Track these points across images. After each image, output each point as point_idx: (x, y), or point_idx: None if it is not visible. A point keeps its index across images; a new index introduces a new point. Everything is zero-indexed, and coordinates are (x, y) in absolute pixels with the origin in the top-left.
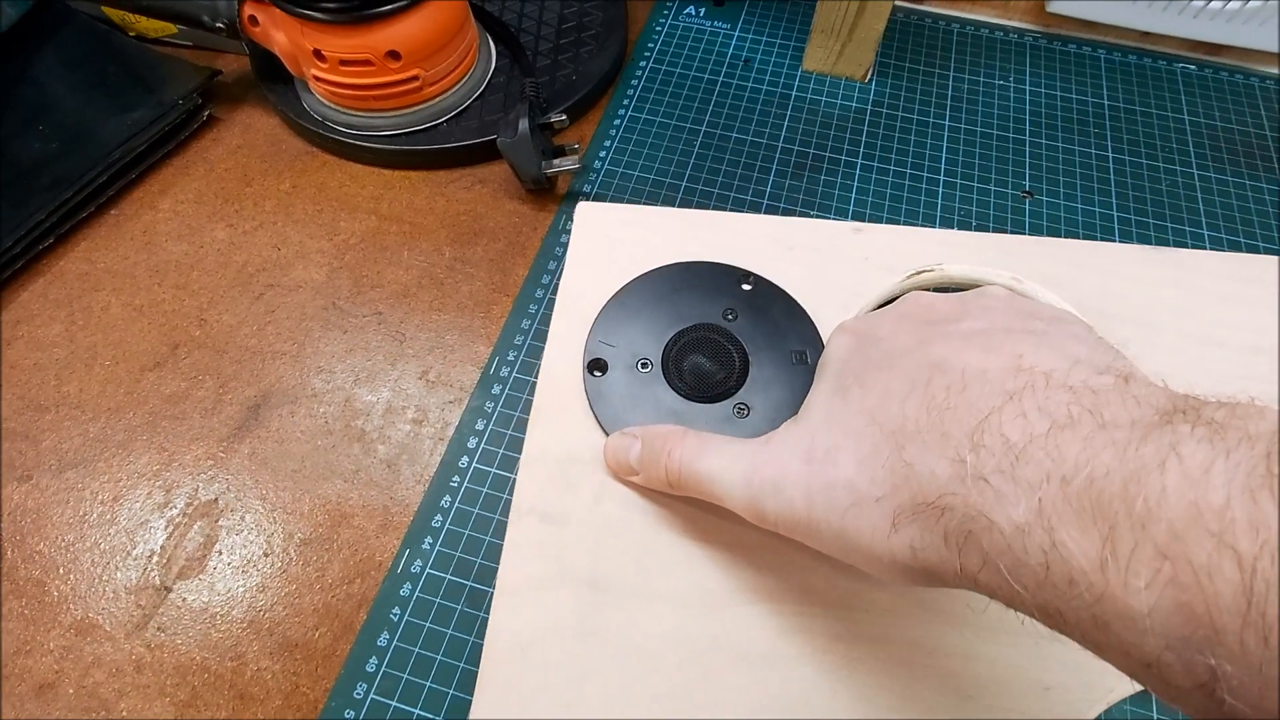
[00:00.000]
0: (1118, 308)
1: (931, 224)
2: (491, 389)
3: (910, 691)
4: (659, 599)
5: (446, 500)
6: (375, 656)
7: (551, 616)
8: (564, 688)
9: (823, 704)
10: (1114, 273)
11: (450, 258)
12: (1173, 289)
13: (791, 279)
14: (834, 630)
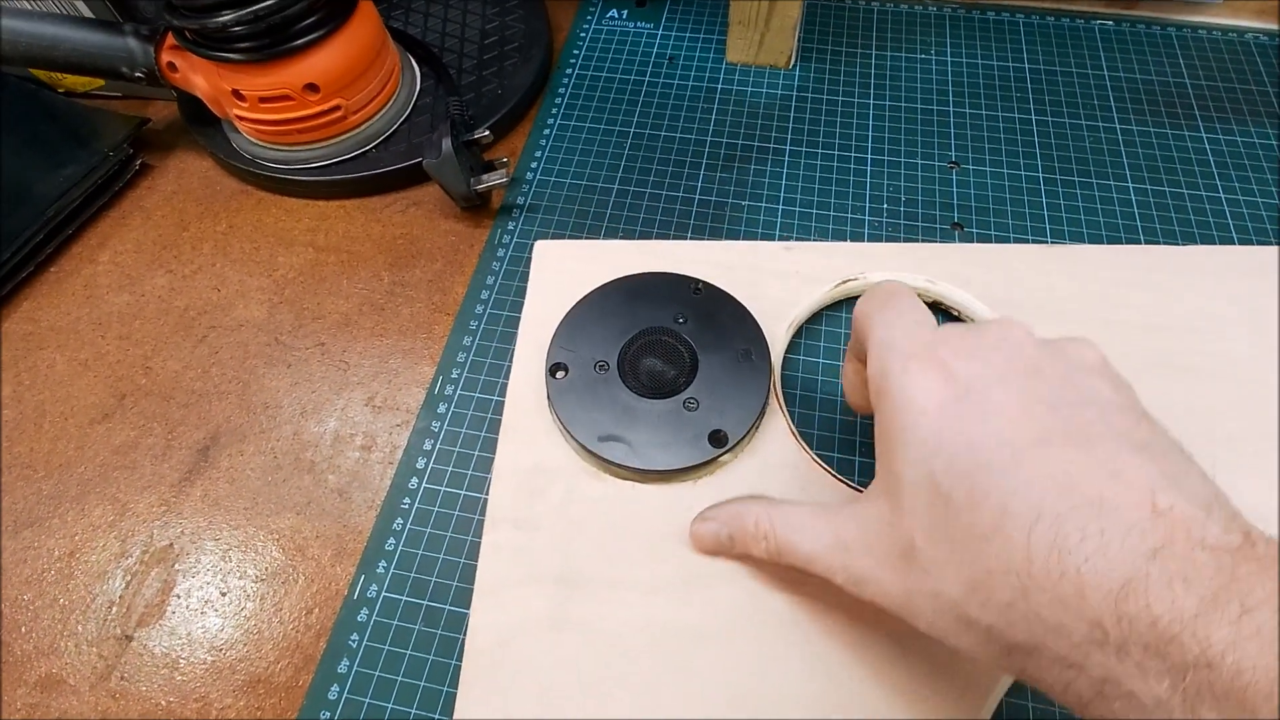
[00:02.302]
0: (1021, 300)
1: (862, 203)
2: (437, 408)
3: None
4: (627, 588)
5: (398, 523)
6: (336, 684)
7: (527, 613)
8: (541, 677)
9: (790, 677)
10: (1017, 270)
11: (389, 282)
12: (1068, 280)
13: (733, 292)
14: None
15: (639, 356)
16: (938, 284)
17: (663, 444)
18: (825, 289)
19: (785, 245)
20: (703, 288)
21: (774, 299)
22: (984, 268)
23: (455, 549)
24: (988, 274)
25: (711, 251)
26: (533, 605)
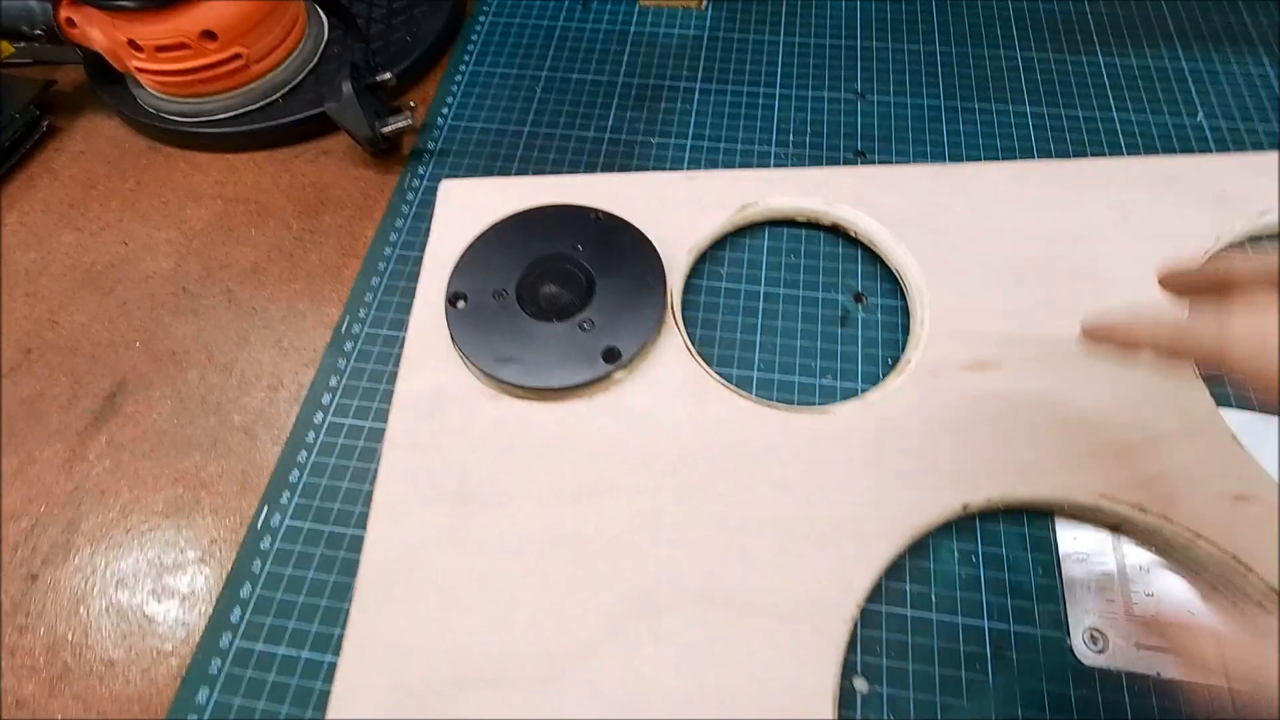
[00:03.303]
0: (914, 216)
1: (769, 135)
2: (344, 347)
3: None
4: (522, 502)
5: (303, 456)
6: (239, 607)
7: (423, 528)
8: (437, 586)
9: (676, 575)
10: (911, 189)
11: (298, 230)
12: (960, 196)
13: (636, 222)
14: (682, 509)
15: (536, 283)
16: (834, 206)
17: (558, 364)
18: (725, 215)
19: (687, 175)
20: (602, 217)
21: (675, 226)
22: (880, 189)
23: (359, 477)
24: (883, 194)
25: (615, 184)
26: (429, 520)
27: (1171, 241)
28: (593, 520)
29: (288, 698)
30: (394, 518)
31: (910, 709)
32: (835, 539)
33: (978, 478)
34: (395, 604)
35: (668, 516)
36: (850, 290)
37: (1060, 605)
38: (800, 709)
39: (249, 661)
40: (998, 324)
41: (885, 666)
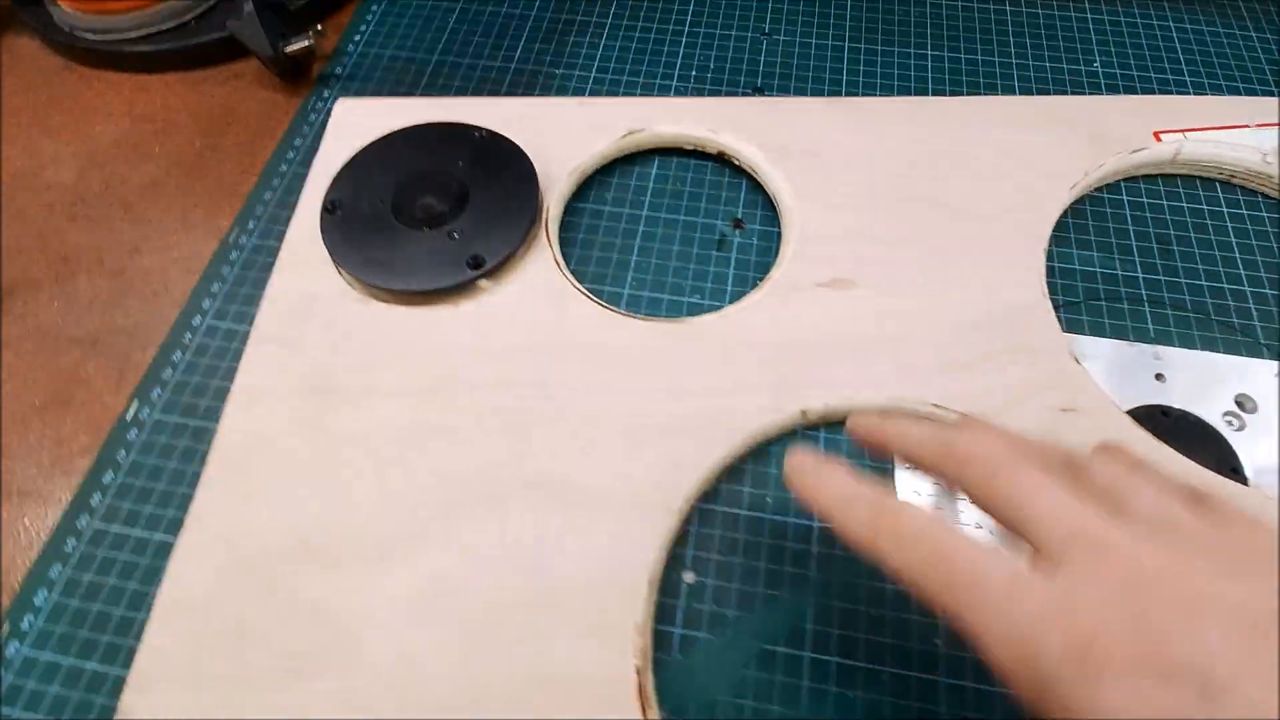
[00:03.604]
0: (797, 146)
1: (672, 71)
2: (229, 256)
3: (600, 458)
4: (379, 395)
5: (178, 355)
6: (99, 492)
7: (278, 418)
8: (283, 472)
9: (515, 469)
10: (799, 121)
11: (200, 147)
12: (848, 128)
13: (524, 144)
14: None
15: (412, 194)
16: (719, 134)
17: (425, 269)
18: (611, 140)
19: (580, 101)
20: (486, 135)
21: (562, 149)
22: (767, 119)
23: (230, 376)
24: (769, 124)
25: (508, 107)
26: (283, 410)
27: (1045, 177)
28: (441, 414)
29: (137, 574)
30: (249, 404)
31: (732, 599)
32: (674, 439)
33: (819, 388)
34: (240, 484)
35: (515, 413)
36: (730, 217)
37: None
38: (619, 593)
39: (103, 542)
40: (861, 247)
41: (715, 561)
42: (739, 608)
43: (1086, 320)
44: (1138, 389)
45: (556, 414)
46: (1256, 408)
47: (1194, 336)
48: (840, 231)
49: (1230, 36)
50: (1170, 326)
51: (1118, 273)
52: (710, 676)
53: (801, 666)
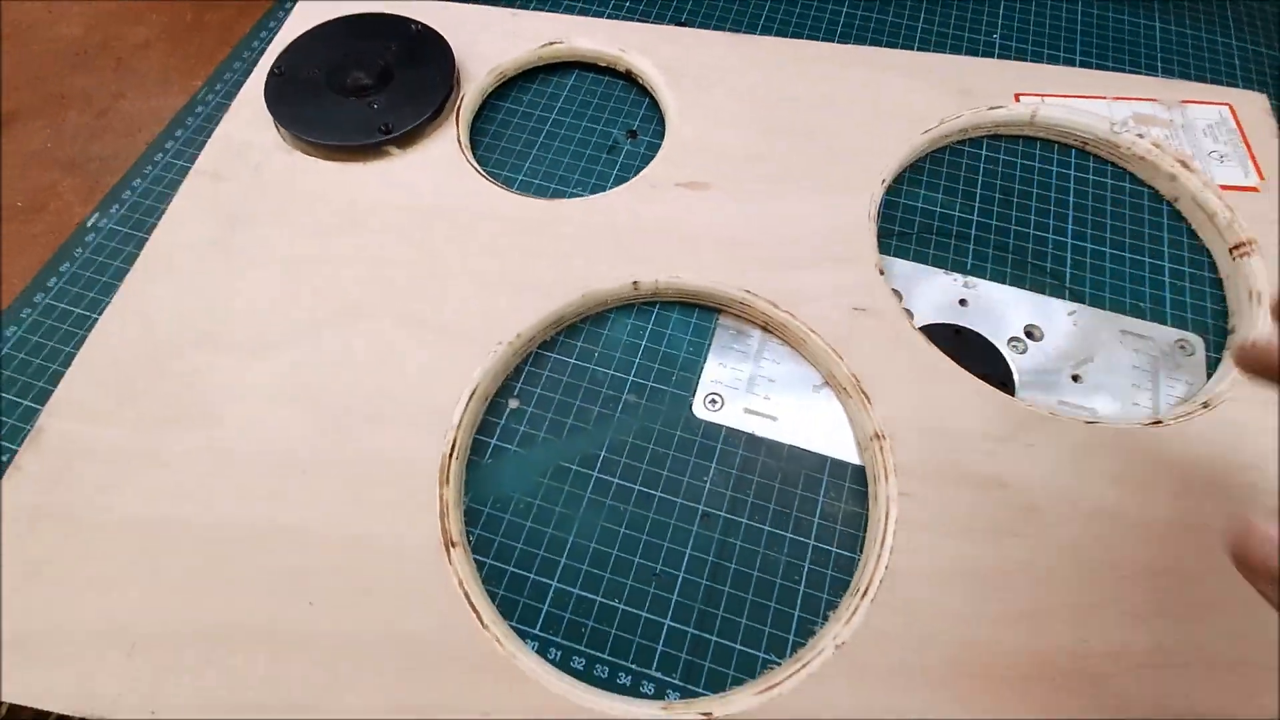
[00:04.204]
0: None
1: (613, 6)
2: (195, 109)
3: (451, 298)
4: (284, 228)
5: (137, 181)
6: (55, 277)
7: (198, 235)
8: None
9: (383, 298)
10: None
11: (189, 20)
12: (738, 59)
13: (455, 41)
14: (407, 252)
15: (345, 68)
16: (628, 53)
17: (343, 130)
18: (530, 46)
19: (512, 11)
20: (420, 28)
21: (488, 49)
22: (674, 47)
23: None
24: (673, 50)
25: (449, 9)
26: (205, 230)
27: (902, 120)
28: (335, 250)
29: (72, 342)
30: (178, 224)
31: (544, 425)
32: (523, 292)
33: (651, 265)
34: (159, 280)
35: (394, 258)
36: (626, 128)
37: (696, 376)
38: (447, 402)
39: (52, 314)
40: (723, 160)
41: (537, 394)
42: (548, 432)
43: (914, 249)
44: (941, 310)
45: (429, 263)
46: (1042, 337)
47: (1006, 274)
48: (710, 144)
49: (1118, 19)
50: (988, 264)
51: (956, 214)
52: (511, 480)
53: (588, 482)
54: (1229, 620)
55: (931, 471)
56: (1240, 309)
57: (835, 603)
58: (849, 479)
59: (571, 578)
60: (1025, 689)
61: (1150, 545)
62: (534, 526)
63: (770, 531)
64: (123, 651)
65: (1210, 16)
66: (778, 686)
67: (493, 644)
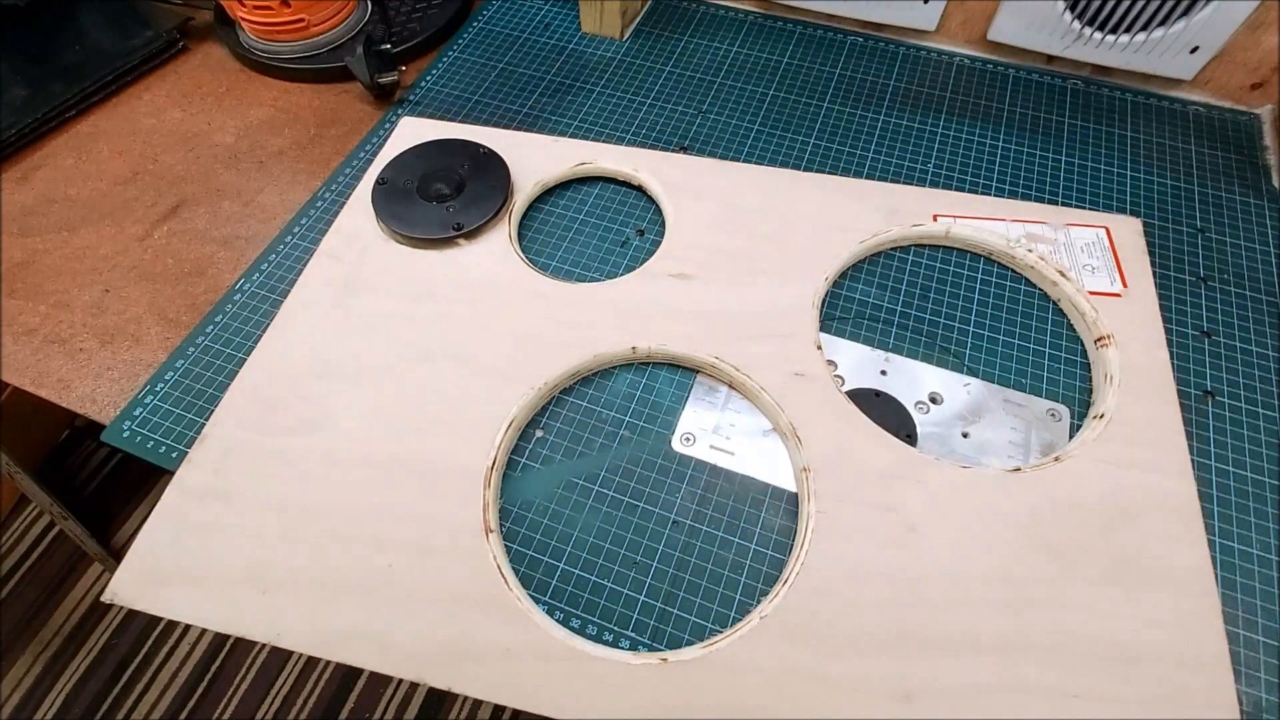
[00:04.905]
0: (688, 187)
1: (630, 127)
2: (316, 203)
3: (499, 351)
4: (383, 295)
5: (273, 256)
6: (212, 325)
7: (321, 297)
8: (320, 326)
9: (447, 345)
10: (693, 171)
11: (314, 134)
12: (727, 181)
13: (509, 159)
14: (468, 312)
15: (430, 180)
16: (640, 171)
17: (427, 225)
18: (566, 165)
19: (553, 139)
20: (485, 150)
21: (533, 167)
22: (674, 167)
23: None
24: (675, 171)
25: (506, 136)
26: (327, 293)
27: (841, 230)
28: (413, 310)
29: (223, 374)
30: (305, 289)
31: (560, 450)
32: (549, 348)
33: (648, 336)
34: (290, 329)
35: (456, 316)
36: (636, 227)
37: (676, 419)
38: (490, 425)
39: (208, 354)
40: (704, 256)
41: (557, 427)
42: (563, 455)
43: (849, 329)
44: (866, 377)
45: (482, 322)
46: (942, 401)
47: (919, 351)
48: (695, 245)
49: (1031, 153)
50: (905, 343)
51: (884, 304)
52: (534, 488)
53: (590, 494)
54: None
55: (842, 496)
56: (1099, 387)
57: (767, 590)
58: (785, 501)
59: (574, 561)
60: (895, 654)
61: (996, 558)
62: (548, 524)
63: (723, 537)
64: (258, 591)
65: (1109, 151)
66: (716, 644)
67: (515, 602)
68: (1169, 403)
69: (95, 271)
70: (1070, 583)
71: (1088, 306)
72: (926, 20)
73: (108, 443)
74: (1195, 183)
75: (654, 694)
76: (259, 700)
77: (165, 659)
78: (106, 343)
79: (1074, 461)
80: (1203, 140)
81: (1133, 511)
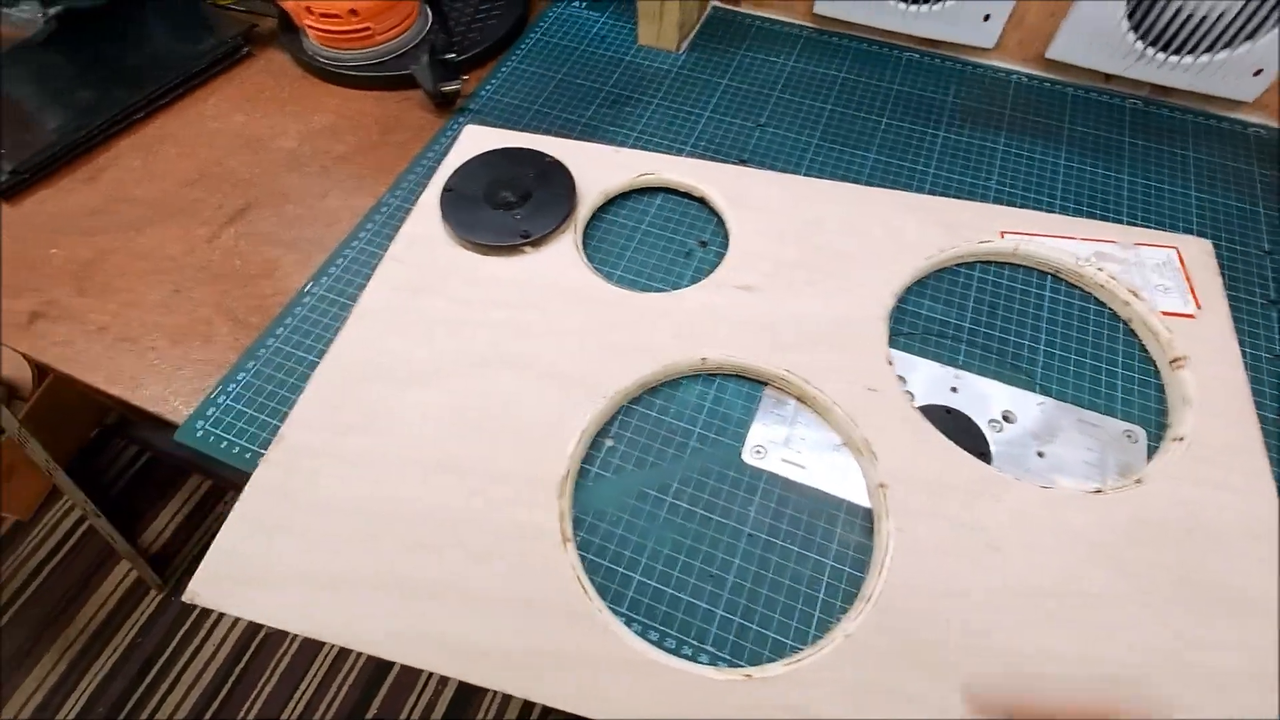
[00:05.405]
0: (750, 200)
1: (689, 140)
2: (380, 209)
3: (569, 356)
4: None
5: (340, 260)
6: (282, 327)
7: (393, 301)
8: (390, 330)
9: (518, 352)
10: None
11: (376, 139)
12: (782, 192)
13: (573, 168)
14: (538, 320)
15: (496, 188)
16: (703, 183)
17: (494, 233)
18: (631, 176)
19: (615, 149)
20: (550, 159)
21: (596, 176)
22: (736, 181)
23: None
24: (736, 183)
25: (571, 145)
26: (397, 297)
27: (907, 246)
28: (479, 314)
29: (295, 375)
30: (375, 293)
31: (630, 460)
32: (618, 356)
33: (717, 347)
34: (360, 332)
35: (522, 321)
36: (699, 238)
37: (746, 431)
38: (562, 432)
39: (279, 355)
40: (768, 268)
41: (627, 436)
42: (633, 466)
43: (917, 345)
44: (936, 394)
45: (549, 329)
46: (1016, 420)
47: (989, 369)
48: (759, 256)
49: (1094, 173)
50: (975, 360)
51: (952, 320)
52: (605, 498)
53: (663, 505)
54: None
55: (921, 513)
56: (1176, 409)
57: (846, 608)
58: (860, 517)
59: (648, 573)
60: (979, 673)
61: (1078, 579)
62: (622, 533)
63: (799, 552)
64: (333, 592)
65: (1171, 171)
66: (801, 661)
67: (595, 613)
68: (1249, 425)
69: (164, 271)
70: (1151, 605)
71: (1161, 327)
72: (985, 38)
73: (181, 442)
74: (1261, 205)
75: (738, 710)
76: (284, 700)
77: (190, 658)
78: (177, 342)
79: (1155, 484)
80: (1266, 162)
81: (1216, 535)
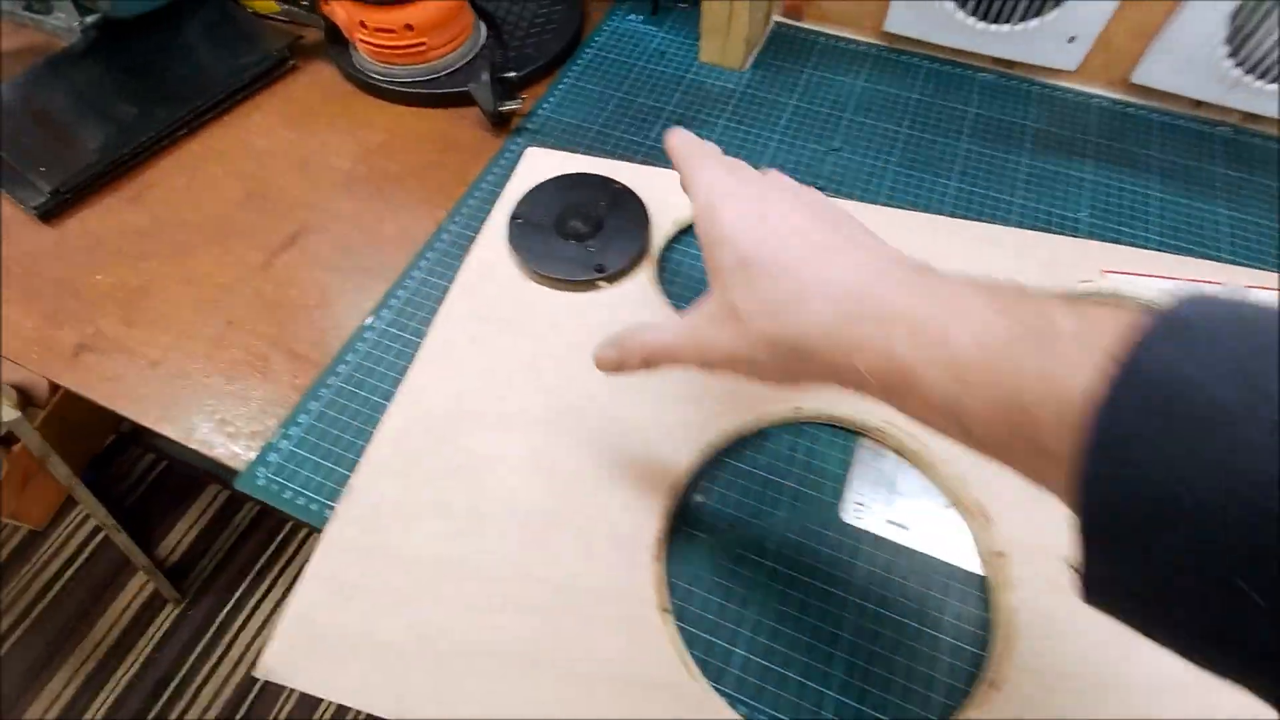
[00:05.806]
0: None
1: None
2: (441, 236)
3: (656, 405)
4: (518, 335)
5: (400, 292)
6: (344, 365)
7: (463, 332)
8: (463, 360)
9: (590, 396)
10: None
11: (432, 160)
12: (906, 232)
13: (643, 196)
14: None
15: (566, 217)
16: None
17: (568, 267)
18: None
19: None
20: (620, 187)
21: (668, 204)
22: None
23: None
24: None
25: (638, 171)
26: (466, 328)
27: None
28: (567, 357)
29: (359, 418)
30: (445, 326)
31: (719, 515)
32: (707, 406)
33: (811, 397)
34: (431, 368)
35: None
36: None
37: (842, 485)
38: (653, 490)
39: (341, 396)
40: None
41: (717, 491)
42: (726, 524)
43: None
44: None
45: (633, 379)
46: None
47: None
48: None
49: (1187, 205)
50: None
51: None
52: (697, 559)
53: (758, 568)
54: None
55: (1045, 587)
56: None
57: (965, 690)
58: (974, 586)
59: (747, 645)
60: None
61: None
62: (717, 600)
63: (910, 625)
64: (415, 664)
65: (1267, 204)
66: None
67: (699, 693)
68: None
69: (216, 301)
70: None
71: None
72: (1068, 60)
73: (243, 491)
74: None
75: None
76: None
77: (207, 677)
78: (233, 379)
79: None
80: None
81: None
